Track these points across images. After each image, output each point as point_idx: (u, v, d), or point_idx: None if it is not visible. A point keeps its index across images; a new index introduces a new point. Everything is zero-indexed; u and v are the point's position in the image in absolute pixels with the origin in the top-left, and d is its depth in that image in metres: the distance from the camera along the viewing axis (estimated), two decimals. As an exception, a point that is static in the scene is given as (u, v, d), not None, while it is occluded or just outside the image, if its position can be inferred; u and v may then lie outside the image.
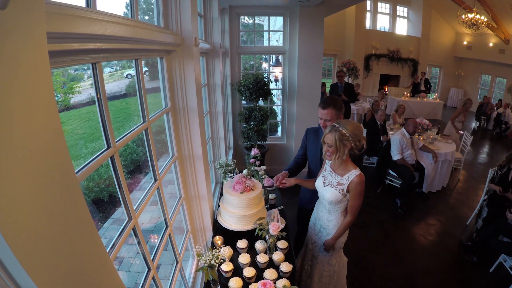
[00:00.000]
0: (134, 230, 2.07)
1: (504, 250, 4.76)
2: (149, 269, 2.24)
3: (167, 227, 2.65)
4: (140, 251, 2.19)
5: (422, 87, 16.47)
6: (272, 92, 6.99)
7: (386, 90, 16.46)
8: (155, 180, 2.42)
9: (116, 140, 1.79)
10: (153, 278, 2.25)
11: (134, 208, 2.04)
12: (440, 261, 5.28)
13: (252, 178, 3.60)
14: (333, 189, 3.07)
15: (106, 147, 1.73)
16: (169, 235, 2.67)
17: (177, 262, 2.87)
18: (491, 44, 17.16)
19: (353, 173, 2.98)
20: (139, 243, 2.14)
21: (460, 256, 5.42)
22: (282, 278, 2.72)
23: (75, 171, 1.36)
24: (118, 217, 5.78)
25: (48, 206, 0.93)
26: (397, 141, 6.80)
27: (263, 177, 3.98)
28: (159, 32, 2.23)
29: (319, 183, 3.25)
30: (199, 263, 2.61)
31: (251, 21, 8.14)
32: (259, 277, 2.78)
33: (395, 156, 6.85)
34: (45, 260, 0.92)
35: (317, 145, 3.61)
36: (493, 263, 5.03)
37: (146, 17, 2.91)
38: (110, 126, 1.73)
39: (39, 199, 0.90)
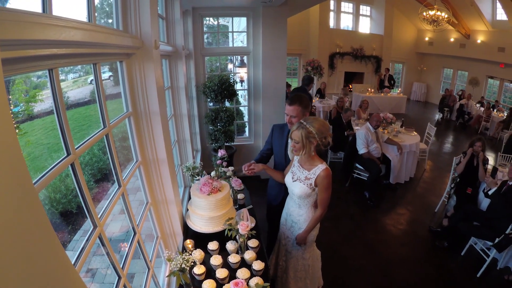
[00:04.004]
0: (101, 238, 2.03)
1: (473, 233, 4.94)
2: (119, 277, 2.20)
3: (135, 233, 2.60)
4: (109, 260, 2.14)
5: (386, 83, 16.89)
6: (237, 92, 6.97)
7: (350, 87, 16.70)
8: (120, 186, 2.37)
9: (76, 147, 1.74)
10: (124, 286, 2.21)
11: (99, 216, 2.00)
12: (412, 249, 5.44)
13: (219, 180, 3.58)
14: (301, 183, 3.18)
15: (65, 154, 1.69)
16: (138, 242, 2.63)
17: (148, 269, 2.83)
18: (452, 39, 17.89)
19: (320, 168, 3.10)
20: (107, 253, 2.09)
21: (431, 242, 5.60)
22: (255, 276, 2.71)
23: (34, 181, 1.33)
24: (88, 228, 5.63)
25: (3, 217, 0.90)
26: (363, 136, 6.95)
27: (231, 178, 3.97)
28: (117, 36, 2.19)
29: (288, 179, 3.33)
30: (170, 268, 2.58)
31: (216, 23, 8.10)
32: (232, 277, 2.76)
33: (361, 150, 7.00)
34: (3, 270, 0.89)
35: (282, 141, 3.71)
36: (463, 246, 5.23)
37: (110, 20, 2.84)
38: (69, 132, 1.70)
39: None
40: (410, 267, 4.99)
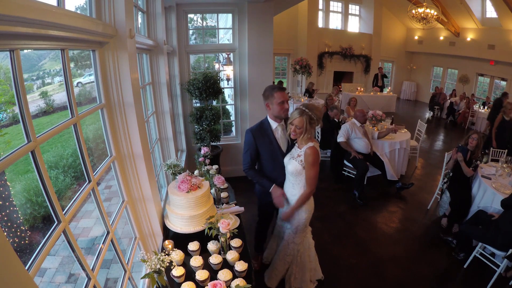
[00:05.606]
0: (68, 240, 1.89)
1: (475, 236, 4.72)
2: (89, 279, 2.06)
3: (108, 233, 2.44)
4: (76, 260, 1.99)
5: (380, 82, 16.98)
6: (222, 90, 6.83)
7: (340, 87, 16.67)
8: (89, 181, 2.22)
9: (37, 135, 1.64)
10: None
11: (64, 212, 1.85)
12: (405, 247, 5.37)
13: (199, 177, 3.44)
14: (293, 160, 3.46)
15: (26, 141, 1.57)
16: (112, 242, 2.47)
17: (125, 271, 2.68)
18: (441, 38, 18.15)
19: (308, 146, 3.38)
20: (73, 250, 1.94)
21: (423, 239, 5.61)
22: (237, 278, 2.56)
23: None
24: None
25: None
26: (346, 127, 7.06)
27: (214, 175, 3.86)
28: (86, 21, 2.05)
29: (286, 159, 3.60)
30: (145, 269, 2.43)
31: (203, 23, 7.98)
32: (213, 279, 2.61)
33: (339, 138, 7.10)
34: None
35: (270, 139, 3.74)
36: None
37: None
38: (29, 119, 1.59)
39: None
40: (402, 264, 4.90)
